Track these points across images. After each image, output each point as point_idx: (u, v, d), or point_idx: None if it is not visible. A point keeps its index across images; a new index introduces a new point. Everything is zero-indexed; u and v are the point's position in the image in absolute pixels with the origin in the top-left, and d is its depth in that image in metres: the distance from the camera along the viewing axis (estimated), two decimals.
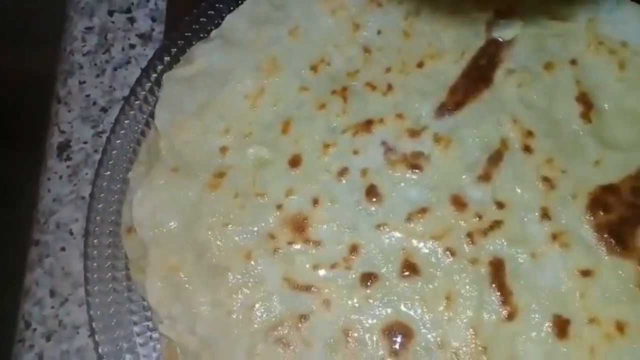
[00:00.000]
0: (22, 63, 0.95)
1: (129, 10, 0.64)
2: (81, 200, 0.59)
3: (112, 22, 0.64)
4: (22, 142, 0.76)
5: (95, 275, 0.50)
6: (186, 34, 0.54)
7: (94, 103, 0.62)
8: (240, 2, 0.55)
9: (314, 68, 0.52)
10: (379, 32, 0.53)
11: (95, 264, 0.50)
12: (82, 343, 0.56)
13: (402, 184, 0.48)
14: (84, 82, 0.62)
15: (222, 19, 0.54)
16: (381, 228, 0.47)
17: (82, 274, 0.56)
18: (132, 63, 0.62)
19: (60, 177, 0.60)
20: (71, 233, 0.58)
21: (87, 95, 0.62)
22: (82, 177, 0.60)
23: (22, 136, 0.75)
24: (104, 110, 0.61)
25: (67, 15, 0.65)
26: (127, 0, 0.64)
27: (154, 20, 0.63)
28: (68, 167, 0.60)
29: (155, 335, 0.47)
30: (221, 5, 0.55)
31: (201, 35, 0.55)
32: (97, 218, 0.51)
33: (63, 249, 0.58)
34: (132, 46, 0.62)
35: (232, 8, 0.54)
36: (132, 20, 0.63)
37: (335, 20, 0.54)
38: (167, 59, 0.54)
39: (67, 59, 0.63)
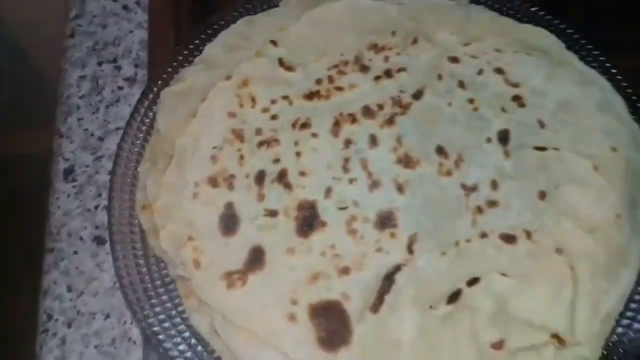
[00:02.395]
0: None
1: (115, 60, 0.78)
2: (87, 212, 0.69)
3: (102, 71, 0.78)
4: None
5: (119, 247, 0.60)
6: (173, 63, 0.69)
7: (92, 134, 0.74)
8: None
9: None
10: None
11: (119, 237, 0.61)
12: (99, 326, 0.64)
13: None
14: (82, 119, 0.75)
15: (201, 51, 0.70)
16: None
17: (93, 270, 0.66)
18: (122, 101, 0.75)
19: (68, 195, 0.70)
20: (81, 239, 0.68)
21: (86, 129, 0.74)
22: (87, 194, 0.70)
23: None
24: (101, 139, 0.73)
25: (62, 68, 0.78)
26: (113, 53, 0.79)
27: (137, 66, 0.78)
28: (74, 187, 0.71)
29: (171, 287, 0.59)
30: (197, 42, 0.71)
31: (185, 64, 0.69)
32: (116, 204, 0.62)
33: (75, 252, 0.67)
34: (120, 88, 0.76)
35: (206, 43, 0.70)
36: (118, 68, 0.78)
37: None
38: (160, 82, 0.68)
39: (65, 102, 0.76)
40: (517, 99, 0.64)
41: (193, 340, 0.57)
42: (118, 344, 0.64)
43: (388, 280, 0.56)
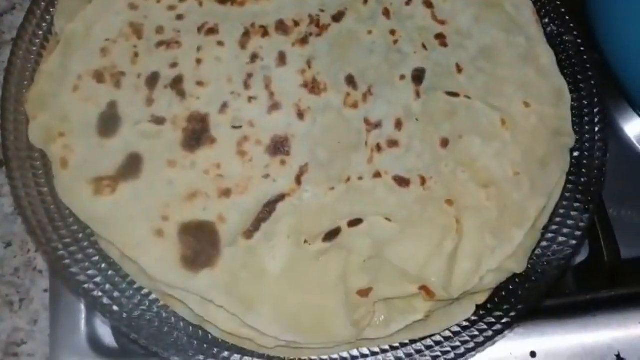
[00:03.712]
0: None
1: None
2: None
3: None
4: None
5: (16, 164, 0.54)
6: None
7: None
8: None
9: None
10: None
11: (15, 155, 0.55)
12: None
13: None
14: None
15: None
16: None
17: None
18: (17, 9, 0.69)
19: None
20: None
21: None
22: None
23: None
24: None
25: None
26: None
27: None
28: None
29: None
30: None
31: None
32: (11, 118, 0.56)
33: None
34: None
35: None
36: None
37: None
38: None
39: None
40: (440, 37, 0.60)
41: (103, 265, 0.53)
42: (22, 273, 0.60)
43: (269, 207, 0.53)
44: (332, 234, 0.52)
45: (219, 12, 0.59)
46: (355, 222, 0.52)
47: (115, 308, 0.51)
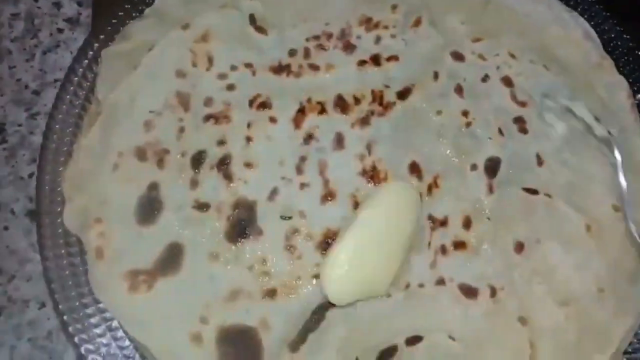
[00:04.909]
0: None
1: None
2: (20, 180, 0.60)
3: (38, 8, 0.65)
4: None
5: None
6: (119, 13, 0.57)
7: (26, 87, 0.63)
8: None
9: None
10: None
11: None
12: (32, 316, 0.56)
13: None
14: (14, 67, 0.63)
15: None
16: None
17: (27, 250, 0.58)
18: (62, 47, 0.64)
19: None
20: (13, 212, 0.59)
21: (19, 80, 0.63)
22: (19, 158, 0.61)
23: None
24: (37, 93, 0.62)
25: None
26: None
27: (80, 5, 0.66)
28: (4, 149, 0.61)
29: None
30: None
31: (133, 14, 0.58)
32: (47, 188, 0.51)
33: (6, 228, 0.58)
34: (60, 30, 0.65)
35: None
36: (58, 5, 0.66)
37: None
38: (102, 37, 0.56)
39: None
40: (519, 121, 0.53)
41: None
42: (55, 337, 0.56)
43: (318, 314, 0.47)
44: (387, 353, 0.46)
45: (273, 83, 0.54)
46: (414, 340, 0.46)
47: None
